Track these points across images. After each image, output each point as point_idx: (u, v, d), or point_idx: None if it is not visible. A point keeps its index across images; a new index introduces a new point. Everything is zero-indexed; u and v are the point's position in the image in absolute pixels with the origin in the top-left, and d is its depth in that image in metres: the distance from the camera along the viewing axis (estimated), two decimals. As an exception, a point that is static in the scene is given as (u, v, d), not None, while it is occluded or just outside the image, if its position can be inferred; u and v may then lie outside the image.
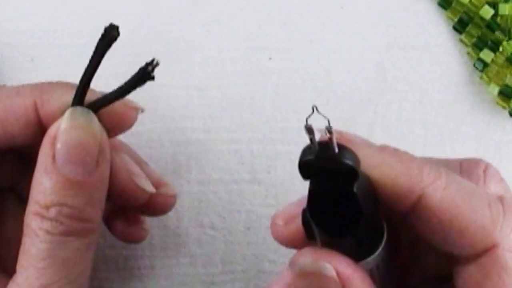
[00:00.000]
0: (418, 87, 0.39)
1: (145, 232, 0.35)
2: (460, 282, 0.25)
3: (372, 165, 0.25)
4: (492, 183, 0.27)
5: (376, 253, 0.25)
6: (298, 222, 0.26)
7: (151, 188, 0.31)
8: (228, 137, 0.38)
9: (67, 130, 0.27)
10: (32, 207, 0.27)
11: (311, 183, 0.24)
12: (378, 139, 0.38)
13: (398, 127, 0.39)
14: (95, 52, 0.28)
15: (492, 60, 0.38)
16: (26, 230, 0.27)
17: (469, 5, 0.39)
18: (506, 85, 0.38)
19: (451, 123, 0.39)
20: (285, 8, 0.39)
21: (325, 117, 0.23)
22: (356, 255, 0.25)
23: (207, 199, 0.38)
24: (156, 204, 0.32)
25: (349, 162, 0.23)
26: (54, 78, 0.38)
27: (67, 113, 0.28)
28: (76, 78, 0.30)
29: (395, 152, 0.26)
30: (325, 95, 0.39)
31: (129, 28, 0.38)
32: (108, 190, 0.29)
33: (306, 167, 0.24)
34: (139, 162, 0.33)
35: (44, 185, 0.27)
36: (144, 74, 0.27)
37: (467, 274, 0.25)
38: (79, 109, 0.28)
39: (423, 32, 0.39)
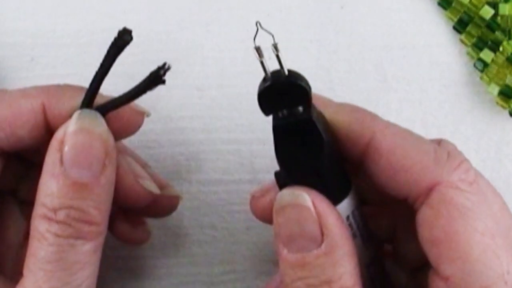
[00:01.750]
0: (418, 87, 0.39)
1: (147, 233, 0.35)
2: (420, 231, 0.26)
3: (329, 112, 0.27)
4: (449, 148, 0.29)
5: (347, 198, 0.26)
6: (272, 194, 0.28)
7: (156, 190, 0.32)
8: (228, 137, 0.38)
9: (74, 133, 0.27)
10: (39, 210, 0.27)
11: (273, 120, 0.26)
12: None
13: (398, 127, 0.39)
14: (106, 56, 0.27)
15: (492, 60, 0.38)
16: (33, 233, 0.27)
17: (469, 5, 0.39)
18: (506, 85, 0.38)
19: (451, 123, 0.39)
20: (285, 8, 0.39)
21: (269, 33, 0.25)
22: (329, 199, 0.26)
23: (207, 199, 0.38)
24: (161, 206, 0.33)
25: (298, 81, 0.25)
26: (54, 78, 0.38)
27: (75, 116, 0.27)
28: (75, 78, 0.30)
29: (353, 105, 0.28)
30: (325, 95, 0.39)
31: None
32: (114, 192, 0.29)
33: (264, 99, 0.25)
34: (142, 165, 0.33)
35: (51, 188, 0.27)
36: (156, 78, 0.27)
37: (422, 218, 0.26)
38: (86, 111, 0.28)
39: (423, 32, 0.39)
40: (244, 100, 0.38)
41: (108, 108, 0.28)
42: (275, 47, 0.24)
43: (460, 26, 0.39)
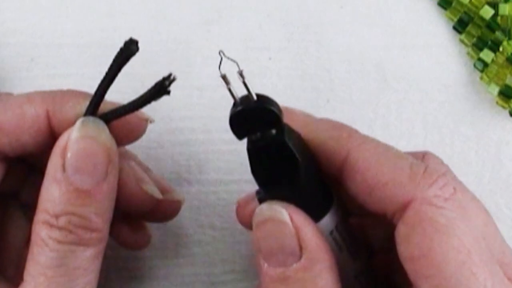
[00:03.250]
0: (418, 87, 0.39)
1: (147, 238, 0.35)
2: (397, 247, 0.26)
3: (306, 130, 0.27)
4: (430, 162, 0.29)
5: (328, 214, 0.27)
6: (255, 203, 0.28)
7: (158, 194, 0.32)
8: (228, 137, 0.38)
9: (77, 140, 0.27)
10: (41, 215, 0.27)
11: (247, 142, 0.26)
12: (378, 139, 0.38)
13: (398, 127, 0.39)
14: (112, 65, 0.27)
15: (492, 60, 0.38)
16: (34, 238, 0.27)
17: (469, 5, 0.39)
18: (506, 85, 0.38)
19: (451, 123, 0.39)
20: (285, 8, 0.39)
21: (233, 61, 0.25)
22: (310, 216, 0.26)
23: (207, 199, 0.38)
24: (163, 210, 0.33)
25: (268, 105, 0.25)
26: (54, 78, 0.38)
27: (78, 123, 0.27)
28: (75, 78, 0.30)
29: (331, 121, 0.28)
30: (325, 95, 0.39)
31: (128, 29, 0.38)
32: (116, 197, 0.29)
33: (235, 124, 0.26)
34: (144, 169, 0.33)
35: (53, 194, 0.27)
36: (161, 89, 0.27)
37: (398, 234, 0.26)
38: (90, 119, 0.28)
39: (423, 32, 0.39)
40: (244, 100, 0.38)
41: (112, 116, 0.28)
42: (241, 74, 0.25)
43: (460, 26, 0.39)
